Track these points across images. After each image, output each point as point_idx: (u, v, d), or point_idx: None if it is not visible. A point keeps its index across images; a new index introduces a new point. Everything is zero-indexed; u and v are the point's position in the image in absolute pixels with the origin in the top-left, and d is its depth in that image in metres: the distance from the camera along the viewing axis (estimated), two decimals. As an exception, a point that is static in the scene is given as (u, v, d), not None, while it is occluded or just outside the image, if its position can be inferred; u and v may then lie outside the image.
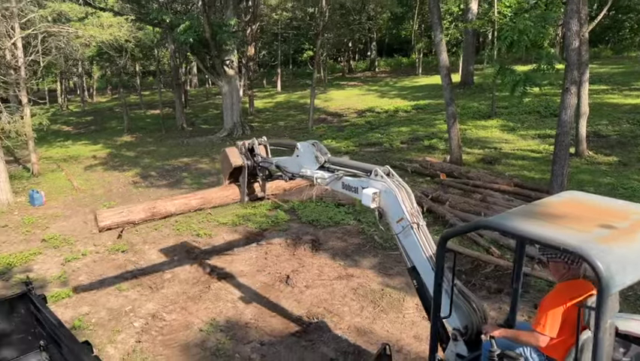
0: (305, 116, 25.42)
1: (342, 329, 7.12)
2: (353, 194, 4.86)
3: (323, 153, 5.31)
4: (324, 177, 5.20)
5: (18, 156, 20.67)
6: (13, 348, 5.36)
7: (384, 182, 4.54)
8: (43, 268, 9.84)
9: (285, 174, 5.94)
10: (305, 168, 5.46)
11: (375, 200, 4.51)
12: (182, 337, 7.25)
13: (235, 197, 6.66)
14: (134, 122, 28.72)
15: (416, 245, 4.38)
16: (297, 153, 5.58)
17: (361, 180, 4.78)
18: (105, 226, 5.82)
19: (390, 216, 4.54)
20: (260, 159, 6.40)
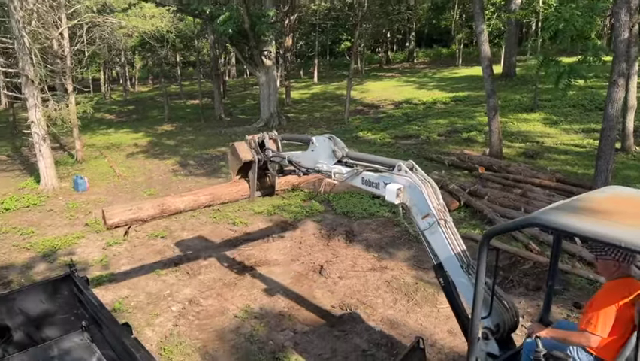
0: (341, 107, 25.34)
1: (375, 321, 7.12)
2: (374, 190, 4.73)
3: (340, 148, 5.16)
4: (342, 172, 5.06)
5: (63, 142, 21.43)
6: (57, 328, 5.58)
7: (409, 177, 4.40)
8: (86, 252, 10.19)
9: (298, 170, 5.76)
10: (321, 163, 5.30)
11: (399, 196, 4.38)
12: (218, 322, 7.40)
13: (244, 193, 6.46)
14: (174, 111, 29.28)
15: (443, 242, 4.28)
16: (312, 148, 5.42)
17: (383, 175, 4.63)
18: (113, 223, 5.59)
19: (415, 212, 4.42)
20: (271, 153, 6.17)
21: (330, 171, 5.17)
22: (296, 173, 5.86)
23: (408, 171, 4.44)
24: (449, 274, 4.39)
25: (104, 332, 4.85)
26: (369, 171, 4.80)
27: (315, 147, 5.36)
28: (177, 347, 6.79)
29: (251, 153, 6.20)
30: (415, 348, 4.89)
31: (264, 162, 6.23)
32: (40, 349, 5.35)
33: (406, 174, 4.43)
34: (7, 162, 19.43)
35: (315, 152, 5.37)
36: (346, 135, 19.28)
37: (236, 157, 6.25)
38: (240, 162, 6.21)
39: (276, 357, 6.45)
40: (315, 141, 5.36)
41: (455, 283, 4.36)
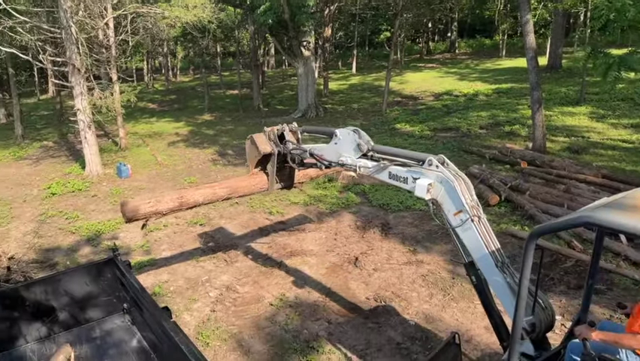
0: (379, 98, 25.13)
1: (410, 315, 7.07)
2: (402, 184, 4.58)
3: (365, 141, 5.00)
4: (368, 166, 4.92)
5: (107, 130, 22.10)
6: (100, 309, 5.79)
7: (441, 172, 4.26)
8: (128, 237, 10.51)
9: (320, 163, 5.57)
10: (345, 157, 5.16)
11: (429, 191, 4.25)
12: (254, 309, 7.51)
13: (263, 186, 6.30)
14: (213, 101, 29.71)
15: (477, 239, 4.16)
16: (336, 141, 5.27)
17: (412, 169, 4.48)
18: (132, 217, 5.47)
19: (446, 208, 4.29)
20: (291, 146, 5.96)
21: (354, 165, 5.04)
22: (317, 166, 5.69)
23: (439, 166, 4.29)
24: (482, 272, 4.29)
25: (144, 315, 4.99)
26: (396, 165, 4.66)
27: (339, 140, 5.23)
28: (214, 332, 6.93)
29: (270, 145, 6.05)
30: (450, 343, 4.82)
31: (283, 154, 6.06)
32: (83, 329, 5.56)
33: (437, 168, 4.29)
34: (54, 148, 20.20)
35: (339, 145, 5.23)
36: (383, 127, 19.13)
37: (255, 149, 6.10)
38: (258, 155, 6.08)
39: (310, 346, 6.50)
40: (339, 134, 5.22)
41: (489, 281, 4.26)
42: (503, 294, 4.14)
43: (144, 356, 4.89)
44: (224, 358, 6.39)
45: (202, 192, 5.98)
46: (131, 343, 5.17)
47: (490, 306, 4.50)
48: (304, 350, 6.45)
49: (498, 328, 4.51)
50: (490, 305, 4.49)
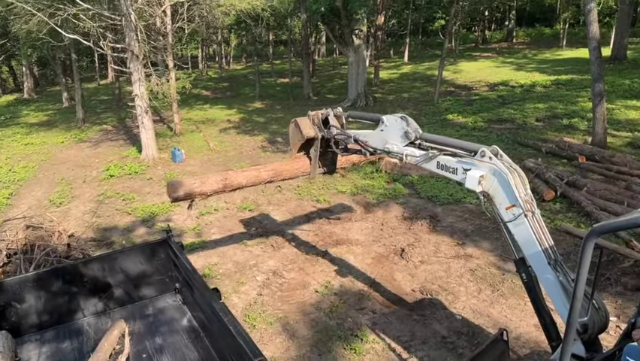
0: (431, 88, 24.64)
1: (457, 309, 6.96)
2: (451, 175, 4.43)
3: (413, 129, 4.85)
4: (415, 154, 4.76)
5: (163, 116, 22.77)
6: (153, 288, 6.02)
7: (494, 164, 4.10)
8: (181, 220, 10.85)
9: (364, 149, 5.44)
10: (391, 144, 5.01)
11: (481, 183, 4.10)
12: (299, 295, 7.61)
13: (305, 170, 6.20)
14: (264, 89, 30.03)
15: (530, 236, 4.00)
16: (382, 128, 5.12)
17: (463, 160, 4.32)
18: (178, 196, 5.46)
19: (498, 202, 4.14)
20: (335, 131, 5.83)
21: (401, 153, 4.89)
22: (361, 152, 5.58)
23: (492, 158, 4.13)
24: (533, 269, 4.15)
25: (194, 295, 5.15)
26: (446, 155, 4.50)
27: (386, 127, 5.08)
28: (260, 315, 7.08)
29: (314, 130, 5.94)
30: (498, 340, 4.73)
31: (326, 139, 5.95)
32: (137, 306, 5.80)
33: (490, 160, 4.13)
34: (112, 132, 21.04)
35: (385, 132, 5.08)
36: (435, 117, 18.77)
37: (299, 133, 5.99)
38: (302, 138, 5.96)
39: (354, 335, 6.53)
40: (386, 121, 5.06)
41: (540, 279, 4.12)
42: (555, 292, 4.00)
43: (194, 334, 5.05)
44: (269, 341, 6.52)
45: (246, 175, 5.99)
46: (182, 322, 5.36)
47: (540, 304, 4.37)
48: (348, 338, 6.49)
49: (547, 327, 4.38)
50: (540, 304, 4.36)
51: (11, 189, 14.15)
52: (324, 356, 6.20)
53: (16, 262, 8.18)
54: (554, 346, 4.26)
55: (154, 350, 4.89)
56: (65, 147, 18.97)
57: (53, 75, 38.54)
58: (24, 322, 5.29)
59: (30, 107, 29.36)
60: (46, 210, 11.84)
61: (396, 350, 6.20)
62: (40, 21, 15.77)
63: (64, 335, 5.28)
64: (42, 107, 29.14)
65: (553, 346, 4.28)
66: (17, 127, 23.53)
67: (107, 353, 4.66)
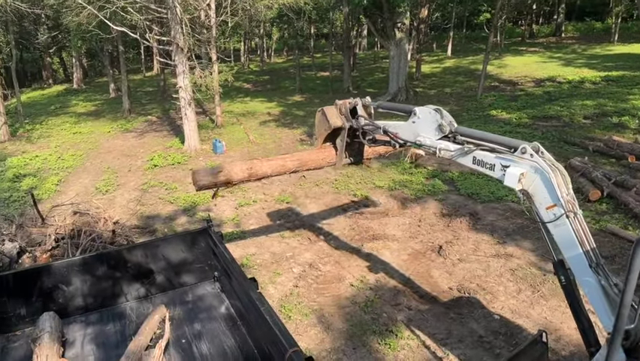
0: (474, 83, 24.12)
1: (495, 309, 6.84)
2: (487, 171, 4.25)
3: (448, 122, 4.64)
4: (449, 148, 4.55)
5: (205, 108, 23.19)
6: (192, 275, 6.16)
7: (536, 161, 3.91)
8: (221, 210, 11.05)
9: (394, 141, 5.23)
10: (423, 137, 4.80)
11: (520, 181, 3.93)
12: (334, 288, 7.64)
13: (330, 160, 6.04)
14: (304, 83, 30.12)
15: (571, 237, 3.85)
16: (414, 120, 4.90)
17: (502, 156, 4.14)
18: (203, 185, 5.39)
19: (538, 201, 3.97)
20: (363, 121, 5.65)
21: (434, 147, 4.68)
22: (390, 144, 5.37)
23: (534, 155, 3.95)
24: (573, 272, 4.01)
25: (232, 283, 5.25)
26: (484, 150, 4.31)
27: (418, 119, 4.86)
28: (296, 306, 7.15)
29: (341, 119, 5.77)
30: (537, 341, 4.62)
31: (354, 129, 5.77)
32: (177, 292, 5.96)
33: (531, 157, 3.96)
34: (157, 123, 21.58)
35: (417, 124, 4.88)
36: (477, 113, 18.38)
37: (326, 122, 5.82)
38: (329, 128, 5.80)
39: (389, 330, 6.51)
40: (419, 112, 4.84)
41: (580, 282, 3.98)
42: (595, 297, 3.86)
43: (231, 322, 5.15)
44: (304, 332, 6.59)
45: (271, 164, 5.87)
46: (220, 309, 5.47)
47: (579, 309, 4.23)
48: (383, 333, 6.48)
49: (586, 332, 4.24)
50: (578, 308, 4.23)
51: (60, 176, 14.75)
52: (358, 350, 6.21)
53: (64, 246, 8.55)
54: (593, 352, 4.12)
55: (193, 335, 5.03)
56: (112, 137, 19.60)
57: (101, 66, 39.85)
58: (70, 304, 5.52)
59: (79, 97, 30.46)
60: (93, 197, 12.30)
61: (431, 348, 6.15)
62: (90, 14, 16.32)
63: (108, 318, 5.48)
64: (90, 98, 30.18)
65: (592, 352, 4.15)
66: (66, 116, 24.46)
67: (148, 336, 4.82)
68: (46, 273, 5.42)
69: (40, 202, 11.34)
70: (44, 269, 5.48)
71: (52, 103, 28.94)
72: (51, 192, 13.26)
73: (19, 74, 30.42)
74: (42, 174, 15.09)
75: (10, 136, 20.87)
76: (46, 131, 21.65)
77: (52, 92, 34.40)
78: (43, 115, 25.23)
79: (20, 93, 25.69)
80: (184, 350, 4.79)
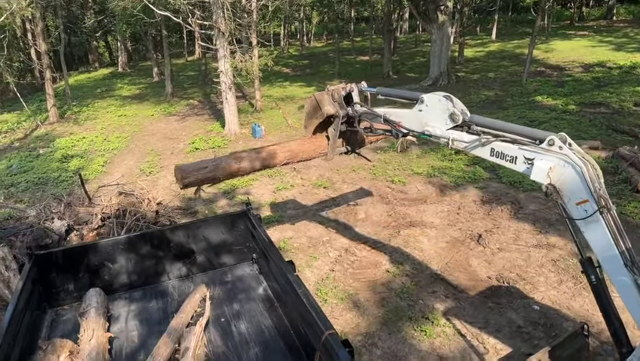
0: (519, 67, 23.39)
1: (535, 299, 6.71)
2: (508, 164, 3.97)
3: (460, 110, 4.28)
4: (463, 139, 4.21)
5: (245, 92, 23.41)
6: (231, 257, 6.29)
7: (566, 154, 3.63)
8: (259, 193, 11.21)
9: (396, 131, 4.84)
10: (431, 127, 4.45)
11: (549, 175, 3.70)
12: (370, 274, 7.66)
13: (322, 150, 5.63)
14: (344, 67, 29.93)
15: (604, 235, 3.62)
16: (421, 107, 4.52)
17: (526, 148, 3.84)
18: (189, 182, 5.03)
19: (567, 196, 3.70)
20: (361, 108, 5.26)
21: (445, 137, 4.34)
22: (392, 134, 4.97)
23: (563, 147, 3.65)
24: (606, 271, 3.82)
25: (270, 265, 5.33)
26: (505, 141, 3.99)
27: (426, 107, 4.48)
28: (332, 290, 7.22)
29: (334, 107, 5.32)
30: (577, 334, 4.53)
31: (349, 117, 5.36)
32: (217, 272, 6.10)
33: (560, 150, 3.66)
34: (198, 107, 21.96)
35: (425, 112, 4.50)
36: (522, 99, 17.85)
37: (316, 110, 5.41)
38: (321, 116, 5.37)
39: (425, 317, 6.50)
40: (427, 100, 4.46)
41: (613, 281, 3.76)
42: (630, 297, 3.65)
43: (269, 303, 5.25)
44: (340, 316, 6.65)
45: (261, 157, 5.52)
46: (258, 290, 5.57)
47: (610, 309, 4.07)
48: (418, 320, 6.47)
49: (617, 333, 4.09)
50: (609, 308, 4.08)
51: (106, 157, 15.27)
52: (393, 336, 6.23)
53: (110, 225, 8.87)
54: (624, 353, 3.99)
55: (232, 315, 5.15)
56: (155, 120, 20.08)
57: (145, 50, 40.74)
58: (115, 281, 5.74)
59: (124, 81, 31.28)
60: (137, 178, 12.68)
61: (468, 336, 6.11)
62: (134, -2, 16.66)
63: (151, 296, 5.67)
64: (134, 81, 30.94)
65: (623, 353, 4.01)
66: (112, 99, 25.20)
67: (189, 314, 4.96)
68: (92, 251, 5.64)
69: (87, 182, 11.78)
70: (91, 247, 5.71)
71: (99, 86, 29.84)
72: (97, 173, 13.75)
73: (67, 57, 31.41)
74: (89, 155, 15.66)
75: (59, 118, 21.70)
76: (92, 113, 22.39)
77: (98, 75, 35.44)
78: (90, 98, 26.08)
79: (68, 76, 26.58)
80: (223, 328, 4.91)
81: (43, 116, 22.18)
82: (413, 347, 6.02)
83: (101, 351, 4.33)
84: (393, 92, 5.12)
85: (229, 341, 4.71)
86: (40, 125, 20.67)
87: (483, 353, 5.83)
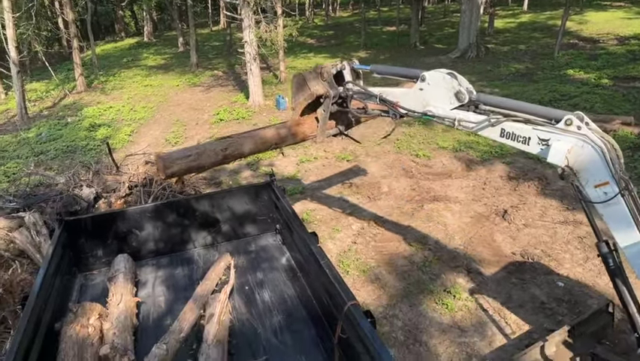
0: (551, 40, 22.64)
1: (560, 276, 6.64)
2: (520, 145, 3.75)
3: (466, 89, 4.01)
4: (470, 119, 3.96)
5: (269, 64, 23.27)
6: (255, 227, 6.35)
7: (585, 134, 3.43)
8: (282, 165, 11.24)
9: (393, 111, 4.51)
10: (434, 106, 4.16)
11: (566, 157, 3.50)
12: (392, 247, 7.67)
13: (311, 133, 5.26)
14: (369, 38, 29.42)
15: (626, 217, 3.51)
16: (422, 86, 4.21)
17: (540, 128, 3.62)
18: (173, 172, 4.70)
19: (585, 178, 3.54)
20: (354, 87, 4.90)
21: (450, 118, 4.08)
22: (389, 115, 4.61)
23: (582, 127, 3.45)
24: (626, 254, 3.70)
25: (293, 236, 5.36)
26: (516, 121, 3.77)
27: (427, 86, 4.18)
28: (354, 262, 7.26)
29: (323, 86, 4.93)
30: (602, 311, 4.48)
31: (339, 97, 4.98)
32: (241, 242, 6.18)
33: (579, 130, 3.46)
34: (222, 78, 21.96)
35: (427, 91, 4.20)
36: (553, 72, 17.32)
37: (305, 90, 5.03)
38: (310, 97, 4.99)
39: (447, 291, 6.50)
40: (429, 78, 4.15)
41: (633, 265, 3.67)
42: None
43: (291, 273, 5.30)
44: (362, 287, 6.71)
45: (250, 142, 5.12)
46: (281, 260, 5.63)
47: (630, 293, 4.01)
48: (440, 293, 6.48)
49: (634, 317, 4.05)
50: (628, 292, 4.01)
51: (132, 127, 15.47)
52: (414, 308, 6.27)
53: (137, 193, 9.02)
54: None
55: (255, 283, 5.23)
56: (180, 90, 20.18)
57: (170, 20, 40.70)
58: (143, 248, 5.86)
59: (149, 51, 31.39)
60: (163, 148, 12.83)
61: (490, 311, 6.10)
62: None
63: (177, 263, 5.79)
64: (160, 51, 31.03)
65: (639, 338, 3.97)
66: (138, 69, 25.36)
67: (214, 282, 5.06)
68: (120, 218, 5.76)
69: (114, 151, 11.97)
70: (119, 214, 5.82)
71: (125, 56, 30.03)
72: (124, 142, 13.96)
73: (93, 26, 31.62)
74: (116, 125, 15.88)
75: (86, 87, 22.00)
76: (119, 83, 22.62)
77: (125, 44, 35.63)
78: (116, 67, 26.30)
79: (95, 45, 26.79)
80: (247, 296, 5.00)
81: (71, 85, 22.51)
82: (434, 320, 6.05)
83: (129, 315, 4.46)
84: (389, 70, 4.80)
85: (253, 308, 4.80)
86: (68, 94, 20.99)
87: (505, 327, 5.82)
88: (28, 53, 24.69)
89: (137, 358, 3.98)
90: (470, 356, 5.47)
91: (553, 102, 13.63)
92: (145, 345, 4.17)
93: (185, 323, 4.29)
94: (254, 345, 4.28)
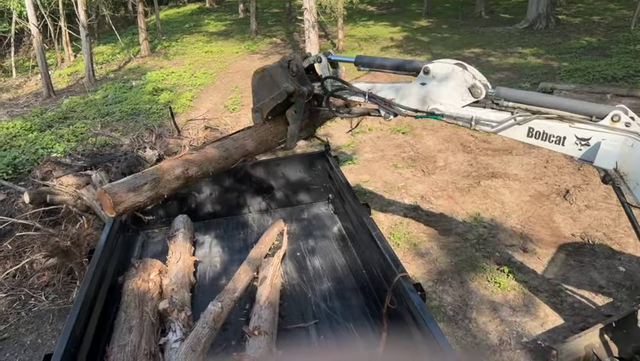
0: (628, 11, 21.09)
1: (621, 261, 6.37)
2: (552, 146, 3.27)
3: (481, 82, 3.47)
4: (490, 117, 3.43)
5: (328, 32, 23.03)
6: (308, 195, 6.45)
7: (635, 132, 3.01)
8: (336, 136, 11.23)
9: (385, 110, 3.91)
10: (441, 104, 3.59)
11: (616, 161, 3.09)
12: (445, 223, 7.57)
13: (280, 139, 4.44)
14: (432, 6, 28.44)
15: None
16: (424, 80, 3.63)
17: (578, 126, 3.18)
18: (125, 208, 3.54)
19: (635, 180, 3.10)
20: (333, 83, 4.16)
21: (464, 118, 3.53)
22: (381, 115, 3.99)
23: (631, 123, 3.03)
24: None
25: (345, 207, 5.41)
26: (548, 118, 3.27)
27: (432, 79, 3.60)
28: (405, 236, 7.24)
29: (294, 83, 4.05)
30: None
31: (318, 96, 4.27)
32: (295, 209, 6.30)
33: (628, 127, 3.03)
34: (280, 45, 21.97)
35: (432, 86, 3.62)
36: (628, 47, 16.18)
37: (272, 87, 4.13)
38: (279, 96, 4.07)
39: (500, 270, 6.38)
40: (433, 70, 3.56)
41: None
42: None
43: (342, 243, 5.37)
44: (412, 261, 6.70)
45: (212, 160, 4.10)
46: (333, 229, 5.71)
47: None
48: (493, 271, 6.37)
49: None
50: None
51: (193, 92, 15.85)
52: (465, 285, 6.21)
53: (196, 157, 9.31)
54: None
55: (307, 250, 5.34)
56: (239, 57, 20.40)
57: (231, -13, 40.83)
58: (200, 210, 6.10)
59: (210, 17, 31.78)
60: (222, 114, 13.11)
61: (544, 292, 5.95)
62: None
63: (233, 226, 5.99)
64: (221, 17, 31.35)
65: None
66: (199, 35, 25.79)
67: (267, 246, 5.20)
68: (181, 180, 6.00)
69: (176, 116, 12.33)
70: (180, 177, 6.07)
71: (187, 21, 30.57)
72: (185, 107, 14.35)
73: (158, -7, 32.26)
74: (177, 90, 16.32)
75: (150, 52, 22.64)
76: (181, 48, 23.12)
77: (187, 10, 36.23)
78: (179, 33, 26.85)
79: (159, 10, 27.39)
80: (298, 262, 5.12)
81: (136, 50, 23.23)
82: (485, 297, 5.98)
83: (187, 273, 4.68)
84: (377, 62, 4.09)
85: (304, 274, 4.91)
86: (132, 58, 21.70)
87: (559, 310, 5.68)
88: (96, 17, 25.64)
89: (193, 314, 4.19)
90: (521, 335, 5.39)
91: (627, 78, 12.79)
92: (201, 302, 4.38)
93: (240, 284, 4.46)
94: (304, 309, 4.40)
